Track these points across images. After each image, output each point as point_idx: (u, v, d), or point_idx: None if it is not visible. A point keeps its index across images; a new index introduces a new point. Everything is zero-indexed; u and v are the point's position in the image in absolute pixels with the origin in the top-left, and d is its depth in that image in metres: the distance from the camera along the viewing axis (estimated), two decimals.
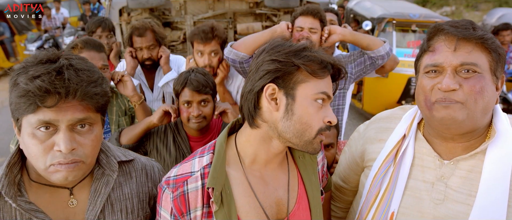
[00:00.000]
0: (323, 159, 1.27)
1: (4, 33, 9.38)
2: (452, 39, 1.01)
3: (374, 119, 1.37)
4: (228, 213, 0.99)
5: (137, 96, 2.06)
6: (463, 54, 0.99)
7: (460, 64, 0.99)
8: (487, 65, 1.00)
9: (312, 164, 1.16)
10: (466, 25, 1.01)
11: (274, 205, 1.07)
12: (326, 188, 1.47)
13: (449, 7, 15.57)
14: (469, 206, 1.04)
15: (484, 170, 1.03)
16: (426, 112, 1.07)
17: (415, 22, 5.51)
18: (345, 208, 1.57)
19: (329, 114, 1.01)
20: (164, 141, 1.89)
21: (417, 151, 1.16)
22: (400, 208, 1.14)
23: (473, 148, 1.07)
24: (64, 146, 0.88)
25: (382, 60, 2.31)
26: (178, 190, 1.00)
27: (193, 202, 1.00)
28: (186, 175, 1.02)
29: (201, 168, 1.03)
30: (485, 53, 1.00)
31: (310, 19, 2.26)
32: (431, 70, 1.04)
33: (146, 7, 3.97)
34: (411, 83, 5.32)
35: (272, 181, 1.08)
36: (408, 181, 1.14)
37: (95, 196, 1.04)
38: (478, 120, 1.02)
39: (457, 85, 0.98)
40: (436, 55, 1.03)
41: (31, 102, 0.85)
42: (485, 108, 1.01)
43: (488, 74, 1.00)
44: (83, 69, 0.91)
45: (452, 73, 1.00)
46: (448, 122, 1.01)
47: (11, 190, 0.93)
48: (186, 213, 1.00)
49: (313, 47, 1.02)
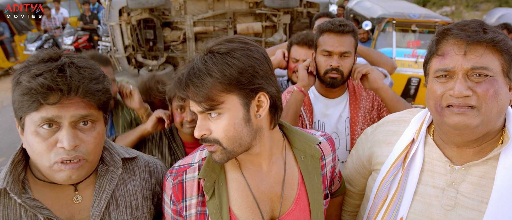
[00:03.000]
0: (333, 160, 1.25)
1: (4, 33, 9.38)
2: (461, 44, 0.98)
3: (382, 121, 1.35)
4: (219, 204, 1.05)
5: (144, 108, 2.06)
6: (474, 58, 0.96)
7: (471, 68, 0.96)
8: (499, 67, 0.97)
9: (314, 166, 1.15)
10: (476, 27, 0.98)
11: (269, 201, 1.09)
12: (339, 192, 1.46)
13: (449, 7, 15.57)
14: (481, 213, 1.01)
15: (497, 177, 1.00)
16: (437, 117, 1.04)
17: (415, 22, 5.51)
18: (352, 212, 1.55)
19: None
20: (159, 148, 1.88)
21: (427, 156, 1.14)
22: (409, 213, 1.12)
23: (484, 153, 1.05)
24: (67, 142, 0.89)
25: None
26: (178, 178, 1.09)
27: (189, 190, 1.08)
28: (187, 165, 1.11)
29: (200, 160, 1.10)
30: (497, 55, 0.97)
31: (305, 50, 2.28)
32: (442, 75, 1.01)
33: (146, 7, 3.98)
34: (411, 83, 5.31)
35: (268, 177, 1.09)
36: (418, 186, 1.12)
37: (100, 193, 1.05)
38: (492, 124, 0.99)
39: (470, 92, 0.95)
40: (446, 59, 1.00)
41: (34, 99, 0.86)
42: (500, 111, 0.98)
43: (501, 76, 0.97)
44: (85, 67, 0.93)
45: (464, 78, 0.97)
46: (462, 128, 0.98)
47: (16, 187, 0.94)
48: (182, 200, 1.08)
49: None
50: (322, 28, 1.79)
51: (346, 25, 1.75)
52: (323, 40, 1.78)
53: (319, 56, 1.80)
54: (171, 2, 4.36)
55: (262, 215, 1.06)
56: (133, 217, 1.11)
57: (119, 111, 2.25)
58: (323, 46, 1.77)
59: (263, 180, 1.09)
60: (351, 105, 1.88)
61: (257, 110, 0.98)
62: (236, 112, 0.94)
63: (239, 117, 0.95)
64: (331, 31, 1.75)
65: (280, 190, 1.10)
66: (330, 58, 1.76)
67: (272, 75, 1.01)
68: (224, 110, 0.93)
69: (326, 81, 1.80)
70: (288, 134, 1.14)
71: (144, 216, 1.14)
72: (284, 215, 1.09)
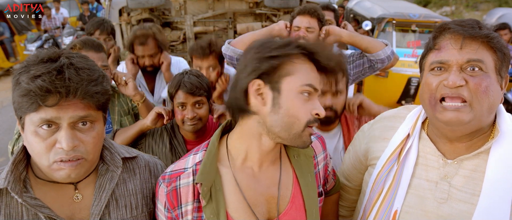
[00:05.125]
0: (326, 158, 1.27)
1: (4, 33, 9.38)
2: (458, 38, 1.01)
3: (378, 118, 1.38)
4: (216, 209, 1.03)
5: (139, 95, 2.06)
6: (469, 52, 0.99)
7: (466, 61, 0.99)
8: (492, 64, 1.00)
9: (307, 164, 1.16)
10: (472, 24, 1.02)
11: (265, 202, 1.09)
12: (334, 190, 1.47)
13: (449, 7, 15.57)
14: (472, 205, 1.04)
15: (488, 170, 1.03)
16: (431, 112, 1.07)
17: (415, 22, 5.51)
18: (349, 207, 1.58)
19: (316, 106, 1.02)
20: (159, 144, 1.88)
21: (421, 150, 1.16)
22: (403, 206, 1.14)
23: (476, 147, 1.08)
24: (65, 143, 0.90)
25: (382, 64, 2.26)
26: (171, 184, 1.06)
27: (184, 197, 1.05)
28: (180, 171, 1.08)
29: (194, 164, 1.08)
30: (491, 52, 1.00)
31: (307, 19, 2.25)
32: (437, 67, 1.05)
33: (146, 7, 3.97)
34: (411, 83, 5.32)
35: (264, 179, 1.10)
36: (412, 180, 1.15)
37: (100, 192, 1.05)
38: (484, 120, 1.02)
39: (463, 81, 0.99)
40: (442, 53, 1.04)
41: (33, 101, 0.87)
42: (491, 107, 1.01)
43: (493, 73, 1.00)
44: (84, 68, 0.93)
45: (458, 70, 1.00)
46: (454, 124, 1.01)
47: (17, 186, 0.94)
48: (177, 207, 1.06)
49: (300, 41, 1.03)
50: None
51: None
52: None
53: None
54: (171, 2, 4.36)
55: (258, 218, 1.06)
56: (133, 216, 1.11)
57: (115, 98, 2.22)
58: None
59: (258, 181, 1.09)
60: (345, 136, 1.86)
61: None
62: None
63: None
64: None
65: (275, 191, 1.10)
66: (323, 97, 1.72)
67: None
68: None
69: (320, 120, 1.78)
70: None
71: (143, 215, 1.14)
72: (280, 215, 1.09)
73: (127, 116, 2.23)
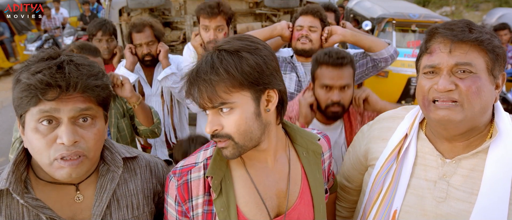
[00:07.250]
0: (330, 157, 1.29)
1: (4, 33, 9.38)
2: (447, 42, 1.03)
3: (377, 119, 1.39)
4: (227, 202, 1.04)
5: (135, 97, 2.04)
6: (459, 55, 1.01)
7: (455, 64, 1.01)
8: (483, 65, 1.01)
9: (316, 161, 1.17)
10: (462, 27, 1.03)
11: (275, 197, 1.10)
12: (332, 190, 1.47)
13: (449, 7, 15.57)
14: (471, 204, 1.05)
15: (486, 169, 1.04)
16: (424, 111, 1.10)
17: (415, 22, 5.51)
18: (349, 208, 1.59)
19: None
20: None
21: (420, 150, 1.17)
22: (402, 206, 1.15)
23: (474, 146, 1.08)
24: (66, 138, 0.89)
25: (385, 63, 2.27)
26: (182, 178, 1.07)
27: (195, 190, 1.06)
28: (191, 165, 1.09)
29: (204, 159, 1.09)
30: (482, 53, 1.01)
31: (310, 18, 2.25)
32: (429, 71, 1.07)
33: (146, 7, 3.97)
34: (411, 83, 5.32)
35: (273, 174, 1.10)
36: (411, 180, 1.16)
37: (101, 192, 1.05)
38: (476, 120, 1.03)
39: (453, 86, 1.00)
40: (433, 56, 1.05)
41: (33, 95, 0.87)
42: (483, 108, 1.02)
43: (485, 74, 1.01)
44: (84, 64, 0.94)
45: (448, 74, 1.02)
46: (445, 122, 1.03)
47: (18, 187, 0.94)
48: (188, 200, 1.06)
49: None
50: (319, 61, 1.75)
51: (344, 57, 1.71)
52: (321, 73, 1.73)
53: (319, 90, 1.76)
54: (171, 2, 4.35)
55: (268, 212, 1.08)
56: (134, 216, 1.11)
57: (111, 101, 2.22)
58: (322, 80, 1.73)
59: (268, 176, 1.10)
60: (346, 131, 1.86)
61: (266, 104, 1.00)
62: (247, 107, 0.96)
63: (250, 111, 0.96)
64: (329, 64, 1.70)
65: (284, 185, 1.11)
66: (330, 92, 1.72)
67: (278, 72, 1.03)
68: (235, 104, 0.95)
69: (328, 115, 1.78)
70: (290, 131, 1.17)
71: (145, 215, 1.14)
72: (289, 210, 1.11)
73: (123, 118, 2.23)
